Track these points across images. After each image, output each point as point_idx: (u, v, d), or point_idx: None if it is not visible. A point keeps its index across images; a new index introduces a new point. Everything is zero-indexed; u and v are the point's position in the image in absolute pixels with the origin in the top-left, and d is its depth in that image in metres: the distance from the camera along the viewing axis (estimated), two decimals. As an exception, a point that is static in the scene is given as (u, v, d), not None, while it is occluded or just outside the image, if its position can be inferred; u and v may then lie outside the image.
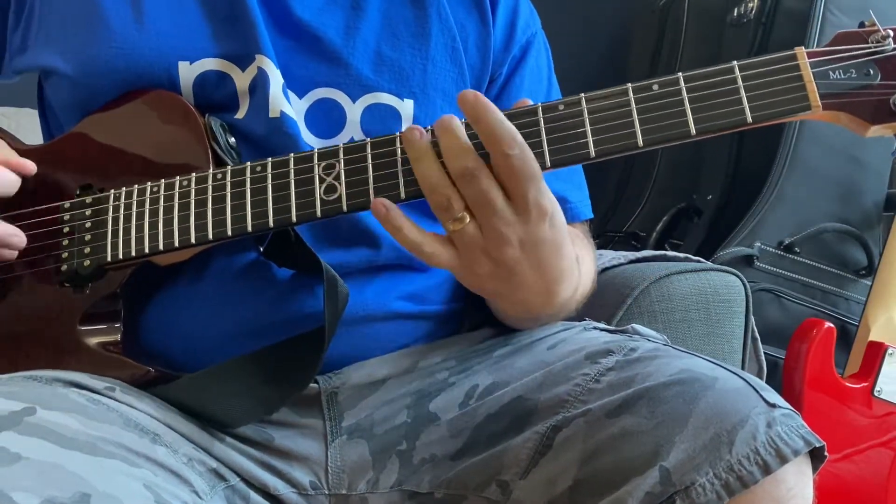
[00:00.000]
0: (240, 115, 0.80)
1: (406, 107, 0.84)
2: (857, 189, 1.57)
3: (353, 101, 0.82)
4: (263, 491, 0.75)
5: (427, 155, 0.66)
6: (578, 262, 0.76)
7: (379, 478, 0.75)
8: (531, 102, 0.69)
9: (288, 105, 0.79)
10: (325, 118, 0.82)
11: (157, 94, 0.79)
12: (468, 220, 0.66)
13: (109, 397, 0.71)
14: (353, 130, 0.82)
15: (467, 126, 0.67)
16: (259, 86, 0.79)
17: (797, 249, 1.52)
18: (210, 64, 0.80)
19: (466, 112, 0.65)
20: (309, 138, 0.81)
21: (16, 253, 0.76)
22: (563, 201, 0.89)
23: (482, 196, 0.65)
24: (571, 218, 0.91)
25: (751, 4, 1.64)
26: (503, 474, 0.70)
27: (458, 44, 0.88)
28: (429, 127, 0.68)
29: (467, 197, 0.66)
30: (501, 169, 0.65)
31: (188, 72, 0.79)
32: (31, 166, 0.78)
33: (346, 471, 0.76)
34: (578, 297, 0.80)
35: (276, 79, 0.79)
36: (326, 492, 0.76)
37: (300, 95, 0.82)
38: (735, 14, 1.68)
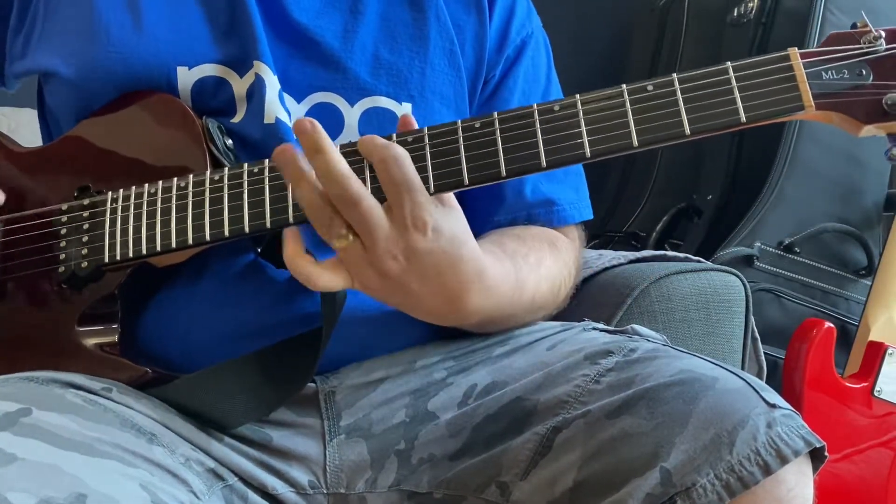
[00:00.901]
0: (236, 119, 0.80)
1: (404, 110, 0.84)
2: (857, 189, 1.57)
3: (351, 105, 0.82)
4: (262, 490, 0.75)
5: (304, 177, 0.66)
6: (519, 266, 0.76)
7: (377, 477, 0.75)
8: (415, 123, 0.70)
9: (284, 111, 0.80)
10: (324, 122, 0.81)
11: (154, 97, 0.79)
12: (351, 238, 0.66)
13: (106, 398, 0.71)
14: (351, 134, 0.82)
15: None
16: (256, 92, 0.79)
17: (797, 249, 1.51)
18: (209, 70, 0.80)
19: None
20: None
21: None
22: (549, 203, 0.89)
23: (360, 218, 0.65)
24: (559, 221, 0.90)
25: (751, 4, 1.64)
26: (503, 475, 0.70)
27: (455, 47, 0.88)
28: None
29: (349, 219, 0.66)
30: (380, 178, 0.66)
31: (187, 77, 0.79)
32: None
33: (345, 470, 0.76)
34: (525, 305, 0.79)
35: (272, 85, 0.79)
36: (325, 491, 0.76)
37: (298, 100, 0.82)
38: (735, 14, 1.68)
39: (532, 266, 0.80)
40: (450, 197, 0.70)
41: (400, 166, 0.65)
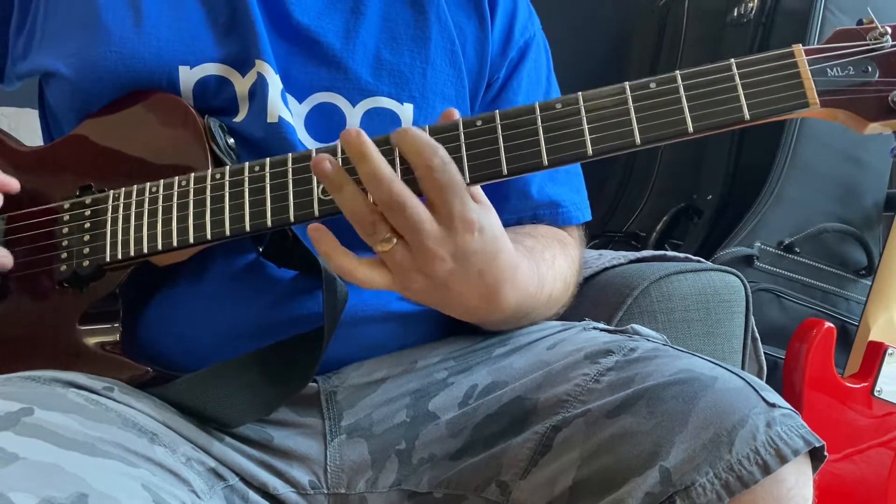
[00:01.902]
0: (239, 118, 0.80)
1: (406, 111, 0.84)
2: (857, 189, 1.57)
3: (353, 105, 0.82)
4: (262, 490, 0.75)
5: (347, 183, 0.65)
6: (538, 263, 0.76)
7: (378, 477, 0.75)
8: (458, 114, 0.69)
9: (286, 110, 0.80)
10: (325, 122, 0.82)
11: (156, 96, 0.79)
12: (395, 241, 0.66)
13: (108, 397, 0.71)
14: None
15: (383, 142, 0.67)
16: (258, 91, 0.79)
17: (797, 249, 1.51)
18: (210, 69, 0.80)
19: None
20: (309, 143, 0.81)
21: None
22: (554, 205, 0.89)
23: (407, 222, 0.65)
24: (563, 222, 0.91)
25: (751, 4, 1.64)
26: (503, 475, 0.70)
27: (457, 47, 0.88)
28: (321, 147, 0.69)
29: (394, 223, 0.66)
30: (424, 181, 0.65)
31: (188, 76, 0.79)
32: (14, 185, 0.78)
33: (346, 470, 0.76)
34: (544, 301, 0.80)
35: (275, 84, 0.79)
36: (325, 491, 0.76)
37: (300, 100, 0.82)
38: (735, 14, 1.68)
39: (549, 263, 0.80)
40: (482, 194, 0.70)
41: (447, 170, 0.65)
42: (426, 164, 0.64)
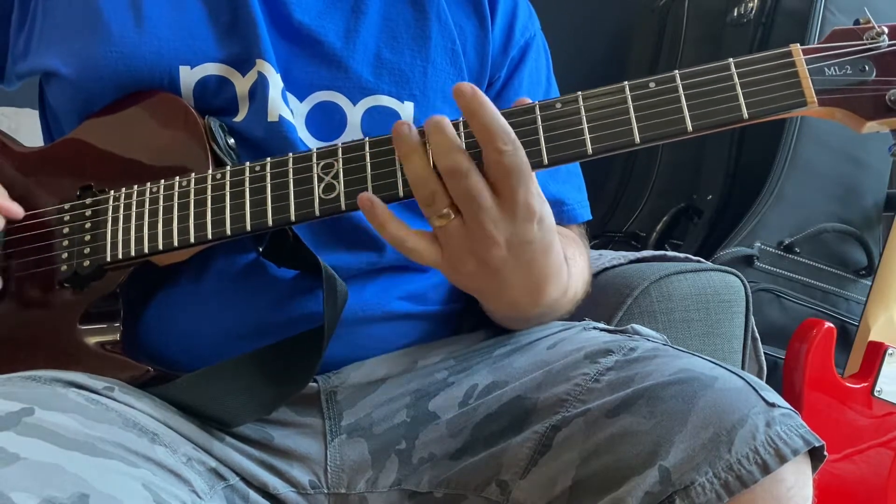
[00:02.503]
0: (239, 118, 0.80)
1: (406, 109, 0.84)
2: (857, 189, 1.57)
3: (354, 103, 0.82)
4: (263, 490, 0.75)
5: (416, 150, 0.66)
6: (568, 263, 0.76)
7: (378, 477, 0.75)
8: (530, 101, 0.69)
9: (287, 109, 0.80)
10: (326, 121, 0.82)
11: (156, 96, 0.79)
12: (453, 216, 0.66)
13: (108, 397, 0.71)
14: (353, 133, 0.82)
15: (463, 125, 0.67)
16: (259, 90, 0.79)
17: (797, 249, 1.51)
18: (211, 69, 0.80)
19: (462, 105, 0.65)
20: (310, 141, 0.81)
21: None
22: (559, 203, 0.90)
23: (469, 194, 0.65)
24: (568, 220, 0.91)
25: (751, 4, 1.64)
26: (502, 474, 0.70)
27: (457, 46, 0.88)
28: (422, 127, 0.68)
29: (455, 194, 0.65)
30: (493, 166, 0.65)
31: (189, 76, 0.79)
32: (18, 211, 0.79)
33: (346, 470, 0.76)
34: (569, 299, 0.80)
35: (275, 83, 0.79)
36: (326, 491, 0.76)
37: (301, 99, 0.82)
38: (735, 14, 1.68)
39: (573, 261, 0.80)
40: (537, 185, 0.69)
41: (517, 154, 0.64)
42: (497, 147, 0.64)
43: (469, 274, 0.69)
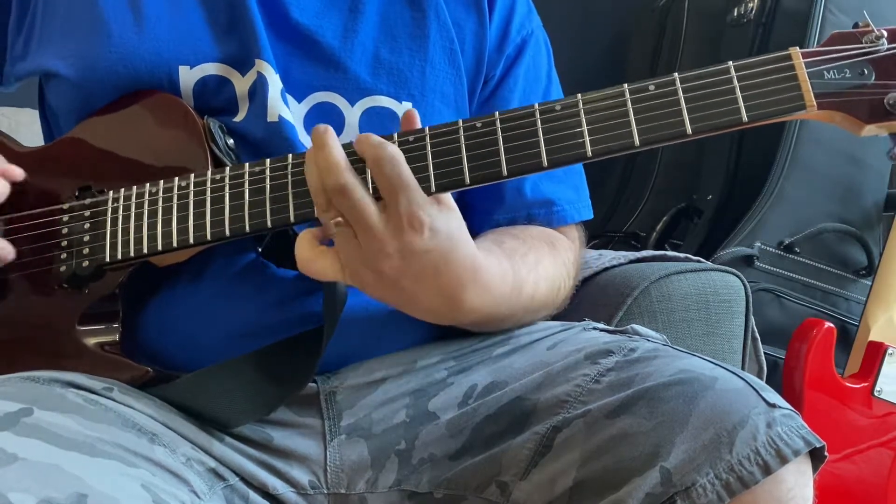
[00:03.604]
0: (238, 118, 0.80)
1: (405, 109, 0.83)
2: (857, 189, 1.57)
3: (352, 104, 0.82)
4: (262, 490, 0.75)
5: (310, 164, 0.68)
6: (518, 266, 0.76)
7: (378, 477, 0.75)
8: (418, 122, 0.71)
9: (286, 110, 0.80)
10: (324, 122, 0.82)
11: (155, 96, 0.79)
12: (344, 223, 0.67)
13: (107, 397, 0.71)
14: (351, 134, 0.82)
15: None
16: (258, 90, 0.79)
17: (797, 249, 1.51)
18: (210, 68, 0.80)
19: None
20: (308, 142, 0.81)
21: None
22: (549, 203, 0.89)
23: (353, 210, 0.66)
24: (558, 221, 0.90)
25: (751, 4, 1.64)
26: (503, 475, 0.70)
27: (455, 46, 0.88)
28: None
29: (341, 211, 0.67)
30: (375, 177, 0.66)
31: (188, 76, 0.79)
32: (19, 172, 0.78)
33: (345, 470, 0.76)
34: (523, 304, 0.79)
35: (275, 84, 0.79)
36: (325, 491, 0.76)
37: (299, 100, 0.82)
38: (735, 14, 1.68)
39: (531, 265, 0.80)
40: (447, 197, 0.70)
41: (394, 165, 0.65)
42: (374, 157, 0.65)
43: (372, 286, 0.69)
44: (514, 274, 0.76)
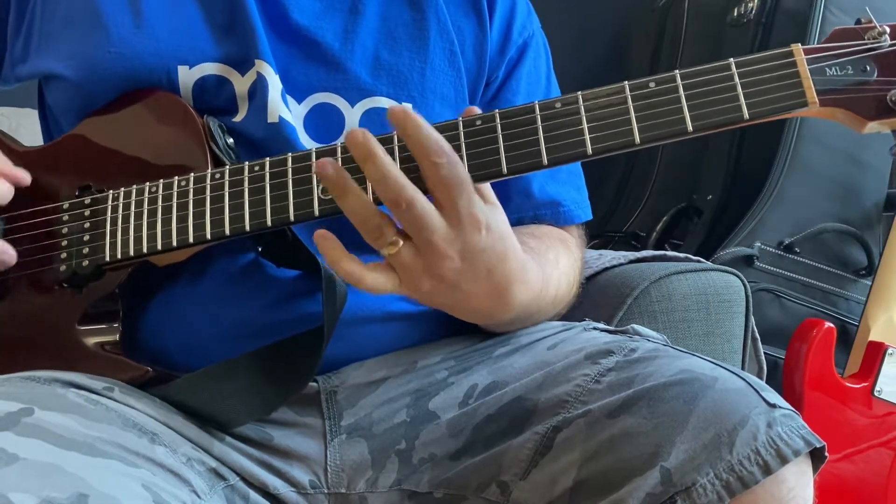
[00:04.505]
0: (238, 118, 0.80)
1: None
2: (857, 189, 1.57)
3: (352, 105, 0.82)
4: (263, 490, 0.75)
5: (349, 191, 0.65)
6: (545, 264, 0.76)
7: (378, 477, 0.75)
8: (478, 110, 0.69)
9: (287, 110, 0.80)
10: (325, 123, 0.82)
11: (155, 95, 0.79)
12: (401, 243, 0.65)
13: (108, 397, 0.71)
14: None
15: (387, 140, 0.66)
16: (258, 91, 0.79)
17: (797, 249, 1.52)
18: (210, 68, 0.80)
19: (396, 127, 0.64)
20: (308, 143, 0.81)
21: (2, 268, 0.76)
22: (555, 204, 0.89)
23: (417, 221, 0.64)
24: (564, 221, 0.91)
25: (751, 4, 1.64)
26: (503, 475, 0.70)
27: (455, 47, 0.88)
28: (319, 147, 0.68)
29: (401, 221, 0.65)
30: (430, 179, 0.65)
31: (188, 76, 0.79)
32: (24, 176, 0.78)
33: (346, 470, 0.76)
34: (549, 300, 0.80)
35: (274, 84, 0.79)
36: (326, 491, 0.76)
37: (299, 100, 0.82)
38: (735, 14, 1.68)
39: (552, 263, 0.80)
40: (489, 191, 0.69)
41: (454, 166, 0.64)
42: (433, 162, 0.64)
43: (429, 293, 0.68)
44: (543, 272, 0.77)
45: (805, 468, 0.63)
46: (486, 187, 0.69)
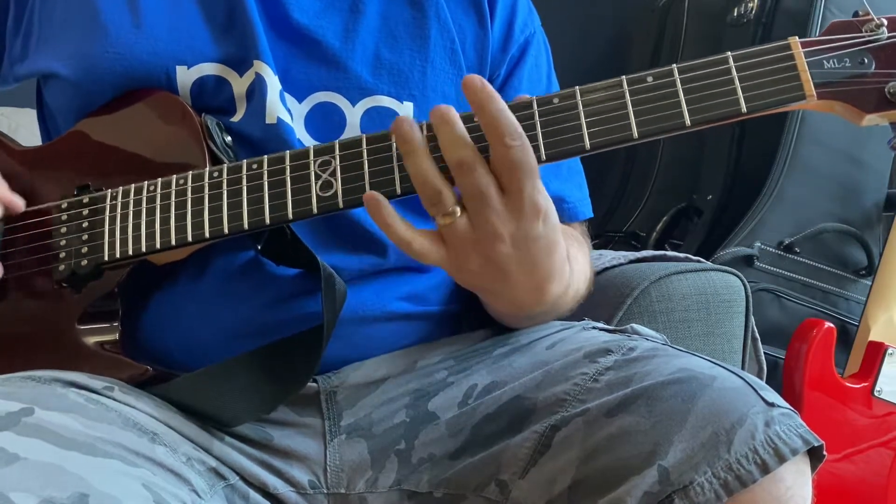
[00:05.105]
0: (236, 118, 0.80)
1: (405, 109, 0.84)
2: (857, 189, 1.57)
3: (353, 104, 0.82)
4: (263, 490, 0.75)
5: (419, 149, 0.66)
6: (570, 261, 0.75)
7: (378, 477, 0.75)
8: (529, 97, 0.69)
9: (285, 111, 0.80)
10: (325, 122, 0.82)
11: (153, 94, 0.79)
12: (459, 213, 0.65)
13: (108, 397, 0.71)
14: (353, 134, 0.82)
15: (465, 119, 0.66)
16: (256, 91, 0.79)
17: (797, 249, 1.52)
18: (208, 69, 0.80)
19: (471, 98, 0.64)
20: (308, 142, 0.81)
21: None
22: (560, 200, 0.89)
23: (477, 188, 0.64)
24: (569, 218, 0.91)
25: (751, 4, 1.64)
26: (502, 474, 0.70)
27: (456, 45, 0.88)
28: (422, 122, 0.68)
29: (462, 189, 0.65)
30: (500, 161, 0.64)
31: (186, 76, 0.79)
32: (19, 203, 0.78)
33: (345, 470, 0.76)
34: (571, 296, 0.80)
35: (273, 85, 0.79)
36: (325, 491, 0.76)
37: (300, 100, 0.82)
38: (735, 14, 1.68)
39: (574, 259, 0.80)
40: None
41: (525, 150, 0.64)
42: (504, 142, 0.64)
43: (474, 272, 0.68)
44: (570, 267, 0.77)
45: (803, 467, 0.63)
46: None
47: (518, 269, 0.68)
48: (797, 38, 0.66)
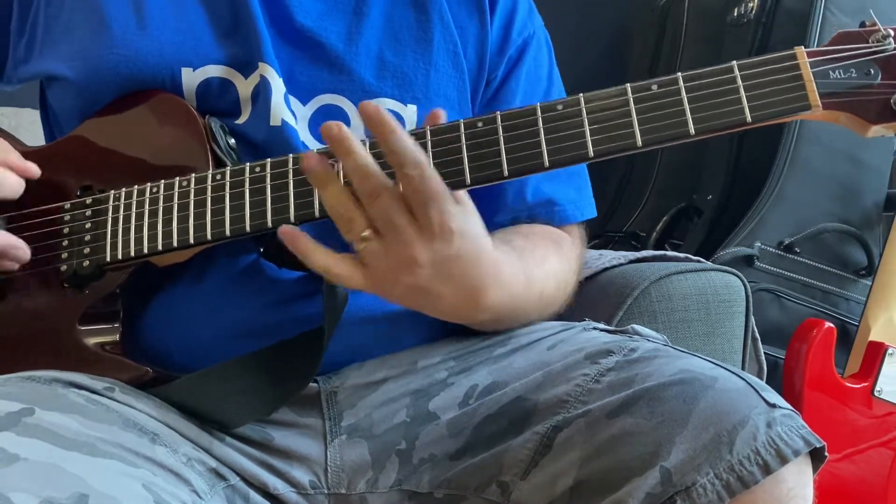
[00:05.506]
0: (241, 120, 0.80)
1: (409, 112, 0.84)
2: (857, 189, 1.57)
3: (357, 107, 0.82)
4: (263, 490, 0.75)
5: (326, 180, 0.67)
6: (527, 262, 0.76)
7: (378, 477, 0.75)
8: (443, 117, 0.69)
9: (289, 114, 0.80)
10: None
11: (157, 96, 0.79)
12: (371, 237, 0.66)
13: (109, 397, 0.71)
14: (357, 136, 0.81)
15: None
16: (261, 94, 0.79)
17: (797, 249, 1.51)
18: (213, 71, 0.80)
19: (371, 129, 0.65)
20: (313, 145, 0.81)
21: (17, 265, 0.76)
22: (550, 203, 0.89)
23: (385, 216, 0.65)
24: (559, 220, 0.90)
25: (751, 4, 1.64)
26: (503, 475, 0.70)
27: (458, 48, 0.88)
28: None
29: (371, 216, 0.66)
30: (405, 188, 0.65)
31: (191, 78, 0.79)
32: (34, 169, 0.78)
33: (346, 470, 0.76)
34: (536, 296, 0.79)
35: (278, 87, 0.79)
36: (326, 491, 0.76)
37: (304, 102, 0.82)
38: (735, 14, 1.68)
39: (538, 262, 0.80)
40: (463, 194, 0.69)
41: (425, 179, 0.64)
42: (404, 172, 0.64)
43: (398, 294, 0.68)
44: (525, 271, 0.76)
45: (805, 468, 0.63)
46: (460, 191, 0.69)
47: (443, 287, 0.68)
48: (803, 47, 0.66)
